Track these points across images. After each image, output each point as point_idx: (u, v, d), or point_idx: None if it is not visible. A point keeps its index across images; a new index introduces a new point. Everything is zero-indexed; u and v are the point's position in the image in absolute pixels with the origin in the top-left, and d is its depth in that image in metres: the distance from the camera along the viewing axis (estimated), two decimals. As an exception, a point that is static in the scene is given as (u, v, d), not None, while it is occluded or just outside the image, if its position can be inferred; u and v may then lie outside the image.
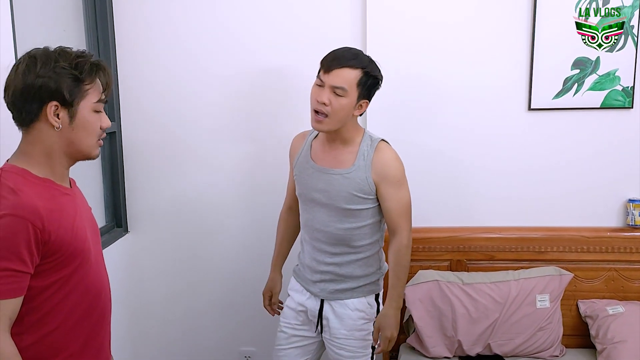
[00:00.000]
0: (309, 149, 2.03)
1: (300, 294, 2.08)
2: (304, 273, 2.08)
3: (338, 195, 1.92)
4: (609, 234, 2.45)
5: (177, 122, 2.58)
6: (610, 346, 2.24)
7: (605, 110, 2.43)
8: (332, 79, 1.83)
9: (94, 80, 1.35)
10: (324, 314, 2.03)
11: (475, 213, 2.53)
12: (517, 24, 2.40)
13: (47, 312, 1.32)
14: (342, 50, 1.89)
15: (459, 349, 2.33)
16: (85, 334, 1.40)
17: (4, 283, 1.22)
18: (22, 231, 1.23)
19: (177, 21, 2.51)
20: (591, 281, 2.46)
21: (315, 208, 1.98)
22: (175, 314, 2.73)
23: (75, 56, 1.33)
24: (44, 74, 1.29)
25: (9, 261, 1.22)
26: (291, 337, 2.10)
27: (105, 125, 1.40)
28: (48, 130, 1.32)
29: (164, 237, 2.68)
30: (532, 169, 2.49)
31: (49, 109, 1.30)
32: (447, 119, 2.48)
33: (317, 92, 1.87)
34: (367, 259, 2.00)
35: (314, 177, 1.97)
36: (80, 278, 1.36)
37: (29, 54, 1.33)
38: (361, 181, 1.91)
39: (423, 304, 2.35)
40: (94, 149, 1.40)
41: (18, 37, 1.79)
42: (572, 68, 2.40)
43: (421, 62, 2.45)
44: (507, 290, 2.34)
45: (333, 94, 1.84)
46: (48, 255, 1.28)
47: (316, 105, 1.86)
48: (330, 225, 1.96)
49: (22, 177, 1.31)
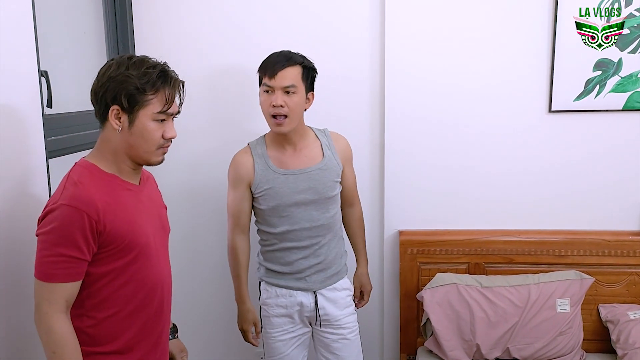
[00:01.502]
0: (266, 161, 2.05)
1: (286, 298, 2.10)
2: (287, 276, 2.10)
3: (324, 187, 2.05)
4: (630, 238, 2.42)
5: (193, 122, 2.57)
6: (632, 351, 2.21)
7: (628, 113, 2.40)
8: (279, 81, 1.94)
9: (158, 91, 1.41)
10: (320, 304, 2.10)
11: (494, 216, 2.51)
12: (538, 25, 2.37)
13: (104, 299, 1.42)
14: (277, 54, 2.01)
15: (477, 353, 2.32)
16: (141, 324, 1.49)
17: (59, 268, 1.33)
18: (78, 221, 1.33)
19: (194, 23, 2.51)
20: (612, 285, 2.43)
21: (298, 210, 2.04)
22: (189, 313, 2.73)
23: (147, 67, 1.41)
24: (112, 78, 1.39)
25: (65, 248, 1.33)
26: (290, 340, 2.13)
27: (168, 135, 1.47)
28: (113, 131, 1.43)
29: (176, 233, 2.68)
30: (553, 172, 2.46)
31: (111, 111, 1.41)
32: (466, 120, 2.46)
33: (269, 98, 1.96)
34: (339, 236, 2.18)
35: (290, 182, 2.02)
36: (137, 270, 1.45)
37: (114, 58, 1.44)
38: (335, 167, 2.09)
39: (441, 307, 2.33)
40: (153, 155, 1.47)
41: (40, 39, 1.81)
42: (593, 69, 2.37)
43: (440, 64, 2.43)
44: (526, 294, 2.32)
45: (285, 95, 1.95)
46: (104, 245, 1.38)
47: (273, 110, 1.96)
48: (320, 218, 2.06)
49: (89, 171, 1.43)
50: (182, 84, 1.49)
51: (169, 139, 1.47)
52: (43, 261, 1.34)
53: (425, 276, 2.47)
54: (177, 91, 1.46)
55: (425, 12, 2.41)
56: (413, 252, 2.49)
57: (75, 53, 2.30)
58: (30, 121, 1.69)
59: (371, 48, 2.46)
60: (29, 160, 1.68)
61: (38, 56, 1.76)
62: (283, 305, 2.10)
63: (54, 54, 2.06)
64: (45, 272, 1.34)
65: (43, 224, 1.36)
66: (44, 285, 1.34)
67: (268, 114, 1.98)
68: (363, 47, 2.46)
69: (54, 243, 1.33)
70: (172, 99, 1.44)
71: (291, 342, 2.14)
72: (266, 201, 2.04)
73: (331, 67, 2.40)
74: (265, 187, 2.03)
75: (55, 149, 1.83)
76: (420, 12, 2.41)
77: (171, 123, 1.48)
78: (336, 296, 2.13)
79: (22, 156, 1.66)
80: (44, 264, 1.34)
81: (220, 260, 2.48)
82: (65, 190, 1.37)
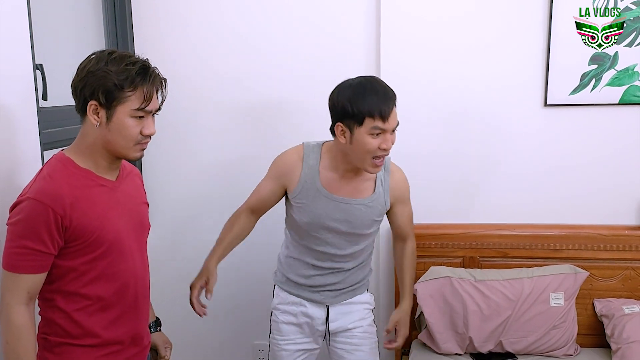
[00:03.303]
0: (316, 177, 1.91)
1: (296, 306, 2.02)
2: (298, 287, 2.02)
3: (362, 224, 1.92)
4: (626, 233, 2.41)
5: (188, 122, 2.63)
6: (625, 346, 2.20)
7: (624, 107, 2.38)
8: (391, 123, 1.75)
9: (136, 88, 1.41)
10: (331, 318, 2.01)
11: (489, 210, 2.51)
12: (533, 19, 2.37)
13: (73, 292, 1.43)
14: (382, 88, 1.77)
15: (470, 345, 2.32)
16: (113, 318, 1.50)
17: (23, 260, 1.35)
18: (42, 215, 1.34)
19: (192, 25, 2.56)
20: (608, 280, 2.42)
21: (329, 235, 1.93)
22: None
23: (126, 63, 1.40)
24: (91, 73, 1.39)
25: (30, 240, 1.34)
26: (295, 352, 2.04)
27: (147, 132, 1.46)
28: (91, 126, 1.43)
29: (177, 230, 2.73)
30: (548, 165, 2.46)
31: (89, 106, 1.41)
32: (462, 115, 2.47)
33: (378, 143, 1.75)
34: (366, 263, 2.07)
35: (329, 207, 1.89)
36: (108, 265, 1.46)
37: (95, 52, 1.44)
38: (381, 206, 1.95)
39: (434, 300, 2.34)
40: (131, 151, 1.47)
41: (39, 34, 1.84)
42: (589, 63, 2.36)
43: (436, 60, 2.44)
44: (520, 287, 2.32)
45: (391, 134, 1.78)
46: (71, 239, 1.39)
47: (381, 153, 1.77)
48: (347, 249, 1.95)
49: (63, 164, 1.44)
50: (164, 82, 1.48)
51: (147, 136, 1.46)
52: (9, 252, 1.37)
53: (420, 270, 2.47)
54: (158, 88, 1.46)
55: (419, 10, 2.41)
56: (408, 245, 2.50)
57: (75, 48, 2.34)
58: (25, 113, 1.73)
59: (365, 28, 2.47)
60: (24, 152, 1.72)
61: (33, 49, 1.79)
62: (293, 313, 2.03)
63: (52, 48, 2.10)
64: (10, 262, 1.37)
65: (11, 215, 1.38)
66: (8, 275, 1.37)
67: (372, 155, 1.77)
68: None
69: (19, 235, 1.35)
70: (150, 96, 1.43)
71: (296, 354, 2.05)
72: (300, 214, 1.93)
73: (328, 72, 2.42)
74: (303, 201, 1.91)
75: (50, 141, 1.86)
76: (414, 11, 2.41)
77: (151, 119, 1.47)
78: (351, 309, 2.03)
79: (17, 148, 1.69)
80: (9, 254, 1.37)
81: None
82: (35, 184, 1.39)
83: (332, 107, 1.81)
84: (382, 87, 1.77)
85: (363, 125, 1.73)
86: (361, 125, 1.73)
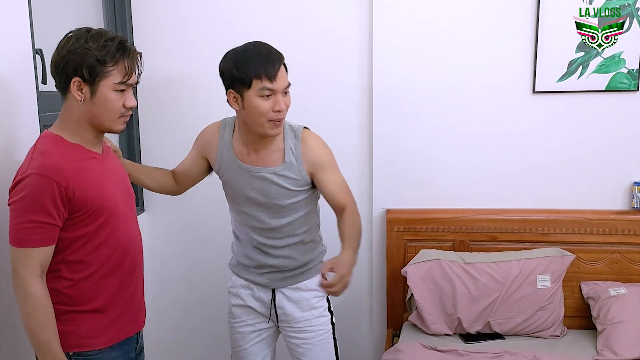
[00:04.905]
0: (231, 149, 1.91)
1: (245, 289, 2.02)
2: (247, 269, 2.01)
3: (277, 194, 1.88)
4: (613, 217, 2.46)
5: (189, 113, 2.67)
6: (610, 326, 2.26)
7: (610, 93, 2.43)
8: (280, 83, 1.75)
9: (117, 63, 1.47)
10: (278, 303, 1.99)
11: (478, 195, 2.56)
12: (521, 6, 2.42)
13: (79, 261, 1.50)
14: (262, 51, 1.76)
15: (459, 326, 2.38)
16: (116, 283, 1.57)
17: (32, 233, 1.42)
18: (47, 188, 1.41)
19: (190, 18, 2.61)
20: (594, 263, 2.47)
21: (253, 207, 1.92)
22: (190, 296, 2.84)
23: (105, 39, 1.46)
24: (72, 51, 1.44)
25: (37, 214, 1.41)
26: (249, 334, 2.05)
27: (129, 104, 1.53)
28: (75, 102, 1.48)
29: (180, 218, 2.79)
30: (536, 152, 2.51)
31: (72, 83, 1.46)
32: (451, 103, 2.52)
33: (270, 103, 1.76)
34: (310, 244, 1.99)
35: (245, 178, 1.90)
36: (109, 232, 1.53)
37: (72, 31, 1.49)
38: (296, 175, 1.88)
39: (424, 282, 2.40)
40: (115, 124, 1.54)
41: (36, 25, 1.90)
42: (576, 51, 2.41)
43: (425, 46, 2.49)
44: (507, 270, 2.37)
45: (283, 95, 1.79)
46: (75, 210, 1.46)
47: (275, 116, 1.77)
48: (271, 222, 1.92)
49: (54, 141, 1.49)
50: (140, 55, 1.55)
51: (129, 108, 1.53)
52: (16, 228, 1.42)
53: (411, 253, 2.54)
54: (136, 62, 1.52)
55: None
56: (400, 229, 2.56)
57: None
58: (24, 96, 1.80)
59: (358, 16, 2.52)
60: (24, 134, 1.78)
61: (33, 35, 1.86)
62: (242, 296, 2.02)
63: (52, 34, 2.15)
64: (20, 238, 1.42)
65: (14, 193, 1.43)
66: (19, 250, 1.42)
67: (267, 119, 1.77)
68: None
69: (25, 210, 1.41)
70: (131, 70, 1.49)
71: (251, 336, 2.05)
72: (226, 188, 1.98)
73: (321, 66, 2.50)
74: (224, 174, 1.94)
75: (49, 124, 1.91)
76: (404, 2, 2.47)
77: (131, 93, 1.53)
78: (299, 297, 1.98)
79: (18, 130, 1.76)
80: (17, 230, 1.42)
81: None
82: (33, 160, 1.45)
83: (221, 75, 1.82)
84: (265, 49, 1.78)
85: (251, 87, 1.74)
86: (250, 88, 1.75)
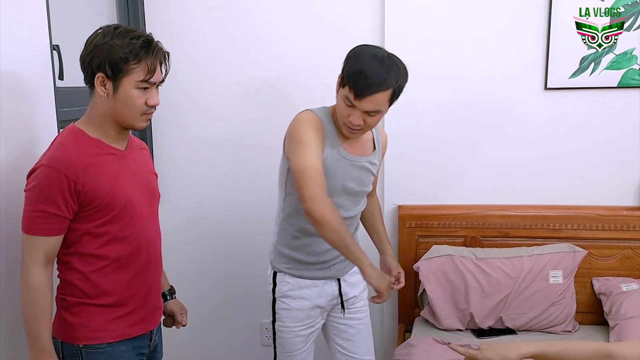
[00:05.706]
0: (335, 139, 1.86)
1: (310, 289, 1.97)
2: (313, 267, 1.96)
3: (368, 180, 1.95)
4: (624, 213, 2.47)
5: (201, 110, 2.70)
6: (622, 322, 2.26)
7: (622, 90, 2.43)
8: (364, 105, 1.72)
9: (140, 61, 1.48)
10: (343, 290, 2.02)
11: (490, 191, 2.57)
12: (534, 3, 2.42)
13: (89, 254, 1.52)
14: (373, 71, 1.70)
15: (471, 321, 2.39)
16: (129, 279, 1.58)
17: (40, 223, 1.44)
18: (56, 180, 1.43)
19: (202, 14, 2.62)
20: (606, 259, 2.48)
21: (344, 197, 1.90)
22: (197, 286, 2.85)
23: (131, 37, 1.48)
24: (98, 47, 1.47)
25: (45, 204, 1.44)
26: (309, 335, 2.02)
27: (151, 102, 1.54)
28: (100, 97, 1.51)
29: (189, 209, 2.81)
30: (548, 148, 2.52)
31: (96, 78, 1.49)
32: (463, 99, 2.53)
33: (348, 113, 1.75)
34: (358, 226, 2.08)
35: (346, 168, 1.87)
36: (121, 228, 1.54)
37: (102, 27, 1.52)
38: (377, 162, 1.99)
39: (436, 277, 2.41)
40: (137, 121, 1.55)
41: (53, 21, 1.91)
42: (589, 47, 2.41)
43: (437, 42, 2.50)
44: (520, 265, 2.38)
45: (366, 114, 1.75)
46: (84, 204, 1.48)
47: (350, 124, 1.77)
48: (354, 210, 1.95)
49: (75, 135, 1.52)
50: (167, 55, 1.55)
51: (152, 106, 1.54)
52: (26, 215, 1.46)
53: (423, 249, 2.55)
54: (161, 61, 1.53)
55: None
56: (411, 225, 2.57)
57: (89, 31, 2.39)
58: (42, 92, 1.81)
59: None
60: (42, 128, 1.80)
61: (50, 32, 1.87)
62: (307, 297, 1.96)
63: (68, 31, 2.17)
64: (28, 225, 1.46)
65: (28, 182, 1.48)
66: (27, 237, 1.46)
67: (342, 123, 1.80)
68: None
69: (35, 200, 1.45)
70: (154, 68, 1.50)
71: (310, 337, 2.03)
72: (326, 179, 1.84)
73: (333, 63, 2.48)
74: (328, 165, 1.83)
75: (66, 119, 1.93)
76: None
77: (155, 91, 1.54)
78: (356, 280, 2.03)
79: (35, 124, 1.78)
80: (27, 218, 1.46)
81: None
82: (48, 152, 1.49)
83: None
84: (377, 66, 1.74)
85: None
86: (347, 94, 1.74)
